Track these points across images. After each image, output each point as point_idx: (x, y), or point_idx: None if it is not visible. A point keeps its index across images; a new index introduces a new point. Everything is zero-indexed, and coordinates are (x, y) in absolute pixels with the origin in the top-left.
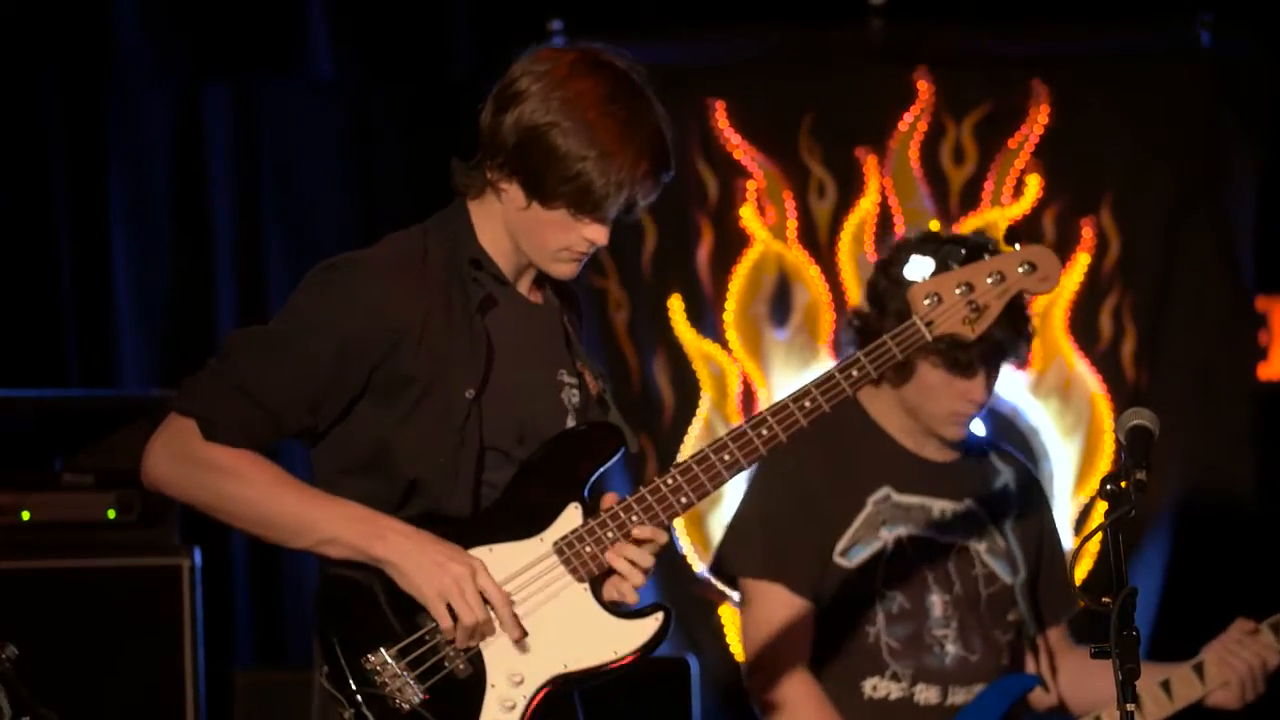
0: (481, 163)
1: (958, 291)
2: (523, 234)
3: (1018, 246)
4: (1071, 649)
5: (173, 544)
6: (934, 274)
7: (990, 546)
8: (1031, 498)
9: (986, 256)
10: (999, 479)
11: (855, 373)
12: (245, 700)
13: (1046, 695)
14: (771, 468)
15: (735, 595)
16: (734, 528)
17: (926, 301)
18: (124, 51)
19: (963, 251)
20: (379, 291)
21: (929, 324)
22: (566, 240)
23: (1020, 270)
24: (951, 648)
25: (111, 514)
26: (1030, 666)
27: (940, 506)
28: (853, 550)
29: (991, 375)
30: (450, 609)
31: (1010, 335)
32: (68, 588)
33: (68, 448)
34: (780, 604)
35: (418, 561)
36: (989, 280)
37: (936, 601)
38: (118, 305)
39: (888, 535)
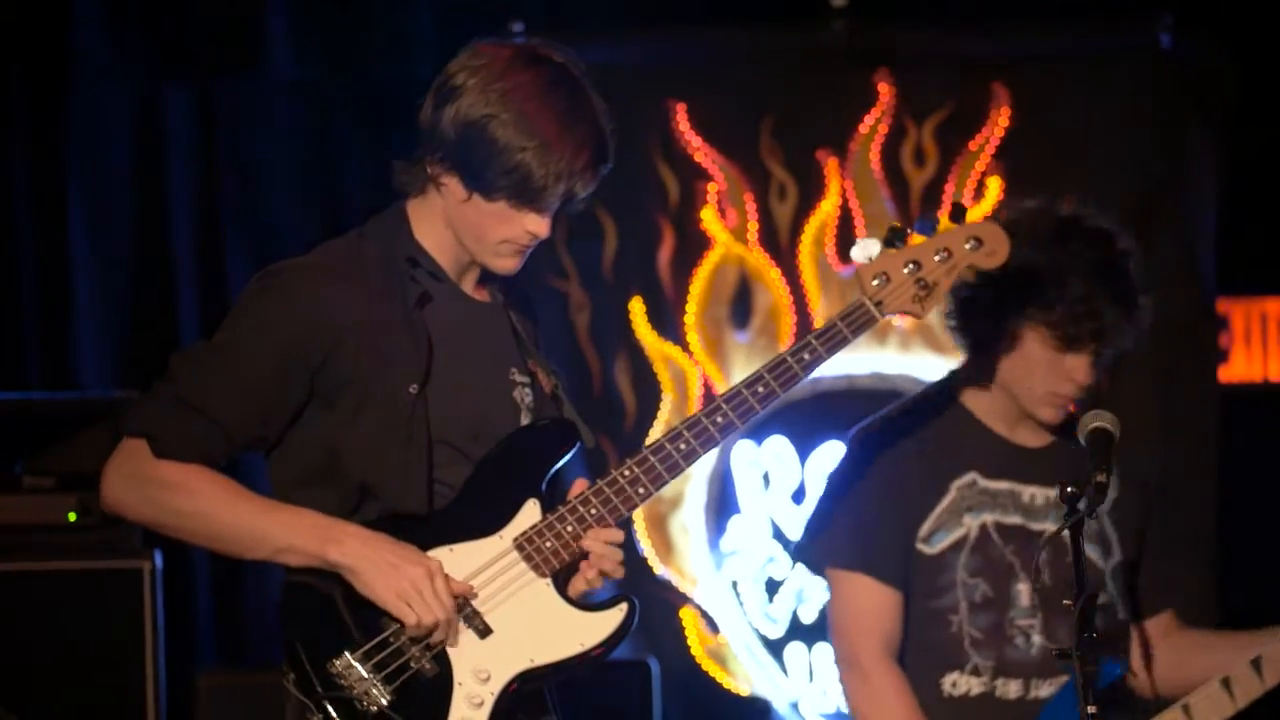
0: (421, 158)
1: (905, 270)
2: (464, 228)
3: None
4: (1174, 633)
5: (134, 546)
6: (880, 253)
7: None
8: (1131, 481)
9: (933, 234)
10: None
11: (806, 356)
12: (207, 702)
13: (1135, 680)
14: (855, 458)
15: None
16: (818, 516)
17: (875, 282)
18: (84, 52)
19: (908, 230)
20: (315, 295)
21: (878, 304)
22: (507, 232)
23: (967, 246)
24: (1037, 638)
25: (72, 517)
26: (1120, 651)
27: (1031, 492)
28: (934, 537)
29: (1099, 358)
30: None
31: (1121, 319)
32: (29, 590)
33: (29, 450)
34: (867, 593)
35: (374, 564)
36: (936, 258)
37: (1023, 590)
38: (78, 307)
39: (971, 522)
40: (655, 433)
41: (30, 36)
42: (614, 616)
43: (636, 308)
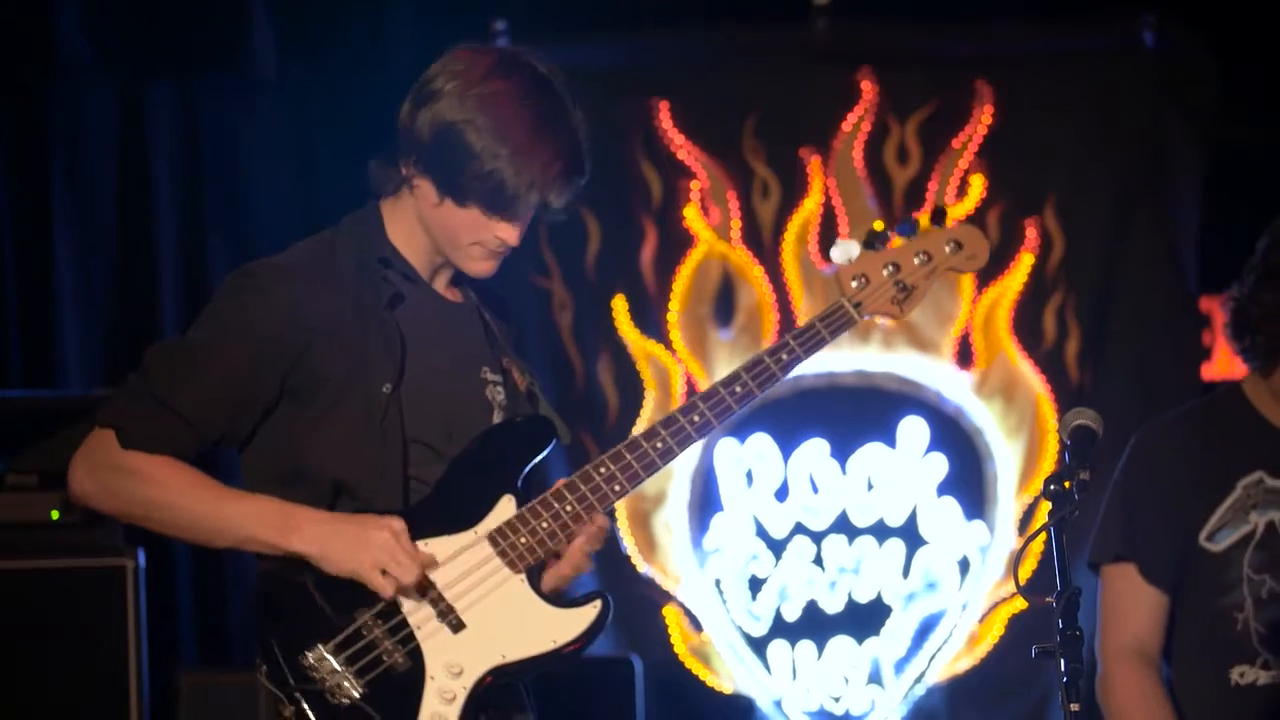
0: (396, 159)
1: (885, 272)
2: (437, 230)
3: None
4: None
5: (116, 545)
6: (860, 255)
7: None
8: None
9: (913, 235)
10: None
11: (784, 356)
12: (189, 701)
13: None
14: (1136, 453)
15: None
16: (1100, 517)
17: (854, 283)
18: (66, 50)
19: (889, 232)
20: (289, 294)
21: (857, 305)
22: (478, 237)
23: (947, 249)
24: None
25: (55, 515)
26: None
27: None
28: (1219, 534)
29: None
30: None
31: None
32: (11, 588)
33: (11, 449)
34: (1129, 585)
35: (338, 544)
36: (916, 260)
37: None
38: (60, 305)
39: (1258, 519)
40: (638, 431)
41: (12, 35)
42: (588, 613)
43: (619, 306)
